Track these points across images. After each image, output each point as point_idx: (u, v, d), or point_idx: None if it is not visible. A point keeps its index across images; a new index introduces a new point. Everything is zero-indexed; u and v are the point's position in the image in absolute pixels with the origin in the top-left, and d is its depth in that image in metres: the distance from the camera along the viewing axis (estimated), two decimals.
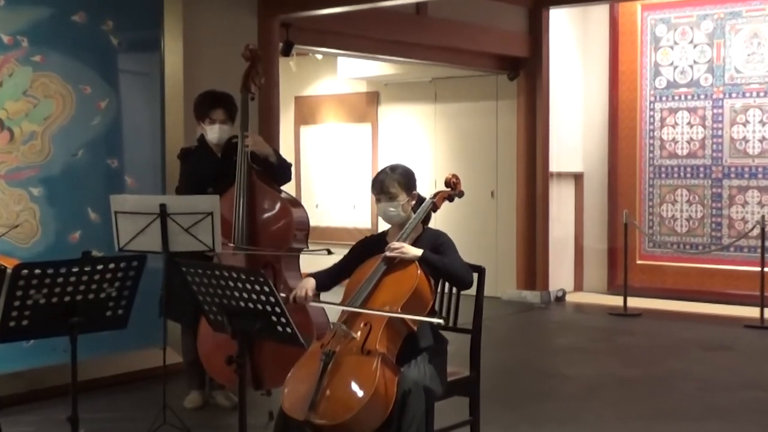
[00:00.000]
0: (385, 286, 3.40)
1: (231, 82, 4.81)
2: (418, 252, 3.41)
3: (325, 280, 3.61)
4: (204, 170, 4.70)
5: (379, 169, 3.69)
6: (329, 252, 4.06)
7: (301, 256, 4.60)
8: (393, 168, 3.61)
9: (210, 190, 4.59)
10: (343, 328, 3.31)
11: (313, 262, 4.16)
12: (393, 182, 3.55)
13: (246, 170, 4.50)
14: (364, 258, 3.57)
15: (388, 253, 3.42)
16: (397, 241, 3.48)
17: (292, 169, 4.83)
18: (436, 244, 3.51)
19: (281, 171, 4.68)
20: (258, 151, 4.57)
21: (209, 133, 4.73)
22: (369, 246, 3.65)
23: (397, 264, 3.43)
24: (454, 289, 3.75)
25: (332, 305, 3.48)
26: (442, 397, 3.49)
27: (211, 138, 4.74)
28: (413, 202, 3.62)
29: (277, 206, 4.51)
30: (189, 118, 5.11)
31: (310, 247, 4.63)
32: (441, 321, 3.34)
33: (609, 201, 9.46)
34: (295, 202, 4.66)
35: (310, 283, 3.53)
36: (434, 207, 3.65)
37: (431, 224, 3.72)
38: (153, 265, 4.43)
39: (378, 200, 3.59)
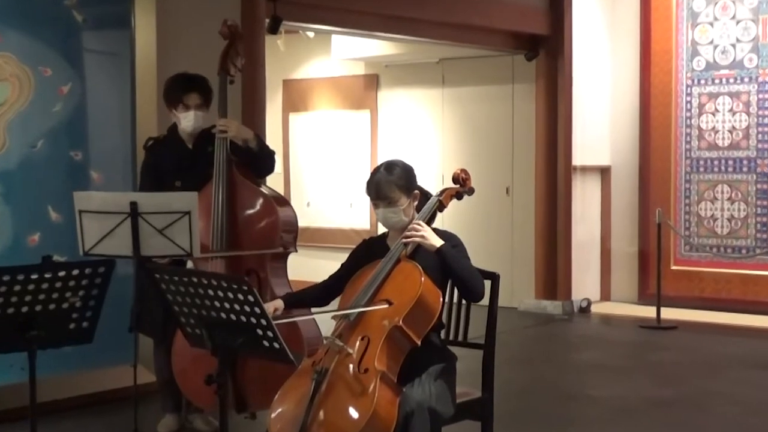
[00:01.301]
0: (384, 294, 3.41)
1: (211, 63, 4.81)
2: (437, 242, 3.43)
3: (324, 292, 3.72)
4: (168, 163, 4.70)
5: (378, 164, 3.70)
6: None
7: (292, 261, 4.60)
8: (389, 168, 3.59)
9: (178, 184, 4.60)
10: (337, 343, 3.32)
11: (305, 265, 4.16)
12: (391, 186, 3.55)
13: (225, 162, 4.50)
14: (363, 263, 3.59)
15: (405, 239, 3.46)
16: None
17: (280, 161, 4.83)
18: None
19: (263, 159, 4.67)
20: (235, 137, 4.57)
21: (183, 121, 4.73)
22: (369, 250, 3.68)
23: (399, 270, 3.44)
24: (464, 299, 3.76)
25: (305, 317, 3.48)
26: (451, 421, 3.50)
27: (186, 126, 4.74)
28: (416, 203, 3.63)
29: (260, 204, 4.52)
30: (163, 105, 5.11)
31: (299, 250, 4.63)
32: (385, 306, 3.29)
33: (640, 198, 9.46)
34: (282, 200, 4.67)
35: (274, 303, 3.63)
36: (440, 206, 3.66)
37: (437, 225, 3.73)
38: (122, 272, 4.44)
39: (375, 205, 3.60)
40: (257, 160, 4.64)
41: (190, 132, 4.75)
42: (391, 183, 3.55)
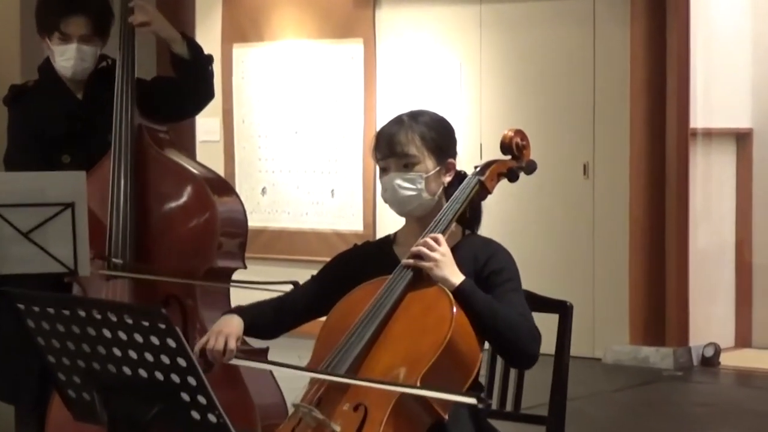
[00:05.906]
0: (393, 336, 3.41)
1: None
2: (455, 279, 3.41)
3: (273, 317, 3.71)
4: (48, 124, 4.71)
5: (377, 125, 3.71)
6: (295, 285, 4.04)
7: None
8: (414, 115, 3.62)
9: (66, 160, 4.61)
10: (315, 415, 3.32)
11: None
12: (413, 137, 3.56)
13: (128, 116, 4.51)
14: (353, 281, 3.59)
15: (409, 257, 3.45)
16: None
17: (218, 122, 4.86)
18: (485, 269, 3.51)
19: (199, 74, 4.73)
20: (154, 31, 4.66)
21: (60, 58, 4.75)
22: (362, 262, 3.69)
23: (418, 297, 3.44)
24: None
25: (287, 368, 3.49)
26: None
27: (63, 68, 4.76)
28: (448, 179, 3.63)
29: (188, 192, 4.55)
30: (32, 36, 5.13)
31: (260, 270, 4.64)
32: (475, 401, 3.27)
33: None
34: (221, 185, 4.71)
35: (233, 327, 3.58)
36: (482, 189, 3.65)
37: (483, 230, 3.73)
38: None
39: (383, 170, 3.60)
40: (190, 79, 4.69)
41: (71, 76, 4.77)
42: (413, 132, 3.56)
